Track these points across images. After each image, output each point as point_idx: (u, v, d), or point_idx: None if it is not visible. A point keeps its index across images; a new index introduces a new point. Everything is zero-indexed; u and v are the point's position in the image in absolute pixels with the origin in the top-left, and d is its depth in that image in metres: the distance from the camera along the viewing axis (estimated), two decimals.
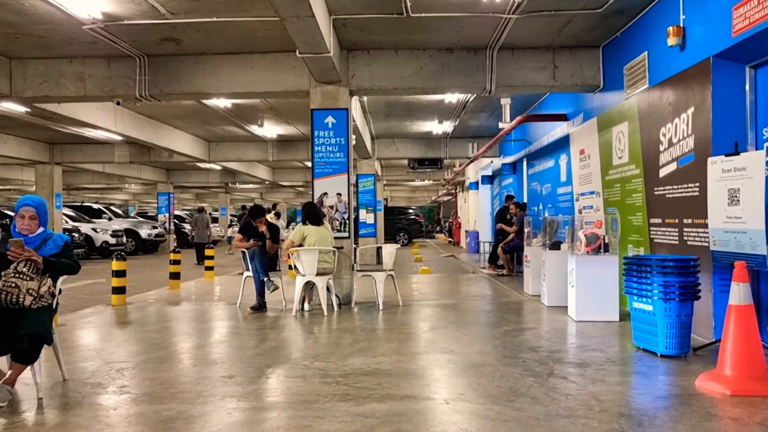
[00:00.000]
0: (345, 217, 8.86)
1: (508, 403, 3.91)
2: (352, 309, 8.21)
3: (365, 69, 8.84)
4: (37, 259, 4.13)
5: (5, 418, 3.73)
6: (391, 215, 29.02)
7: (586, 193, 9.39)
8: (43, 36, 8.05)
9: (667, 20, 6.56)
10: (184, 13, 7.29)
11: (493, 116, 14.29)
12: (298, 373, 4.73)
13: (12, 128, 15.56)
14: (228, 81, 9.03)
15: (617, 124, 8.00)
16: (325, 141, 8.72)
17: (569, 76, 8.83)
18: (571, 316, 7.07)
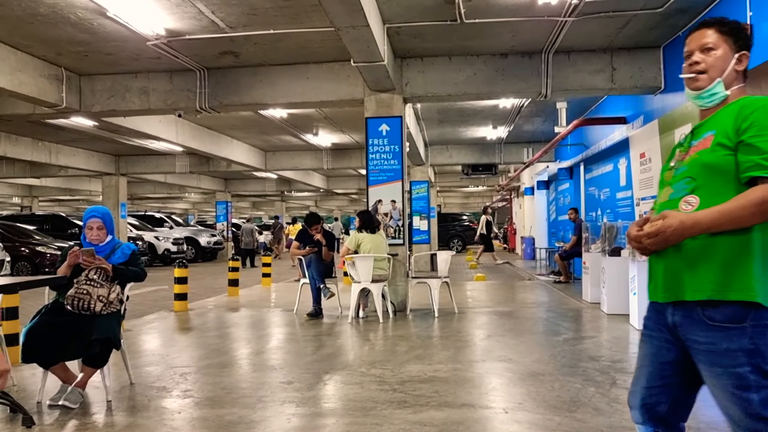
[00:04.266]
0: (399, 224, 8.88)
1: (569, 414, 3.82)
2: (408, 316, 8.21)
3: (419, 76, 8.86)
4: (107, 267, 4.30)
5: (77, 420, 3.89)
6: (445, 222, 28.88)
7: (648, 197, 9.11)
8: (110, 53, 8.41)
9: (732, 17, 6.28)
10: (242, 27, 7.49)
11: (548, 120, 14.07)
12: (355, 380, 4.76)
13: (81, 141, 16.30)
14: (284, 91, 9.21)
15: (680, 126, 7.74)
16: (379, 149, 8.77)
17: (628, 78, 8.61)
18: (633, 325, 6.87)
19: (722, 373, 1.88)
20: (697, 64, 2.07)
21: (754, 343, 1.85)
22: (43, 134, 15.20)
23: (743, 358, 1.85)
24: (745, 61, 2.10)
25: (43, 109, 9.53)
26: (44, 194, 29.47)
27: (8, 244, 14.75)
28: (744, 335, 1.86)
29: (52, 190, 28.06)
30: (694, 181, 1.96)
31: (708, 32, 2.09)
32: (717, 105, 2.08)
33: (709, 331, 1.90)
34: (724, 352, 1.87)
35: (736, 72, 2.08)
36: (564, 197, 16.78)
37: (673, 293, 1.99)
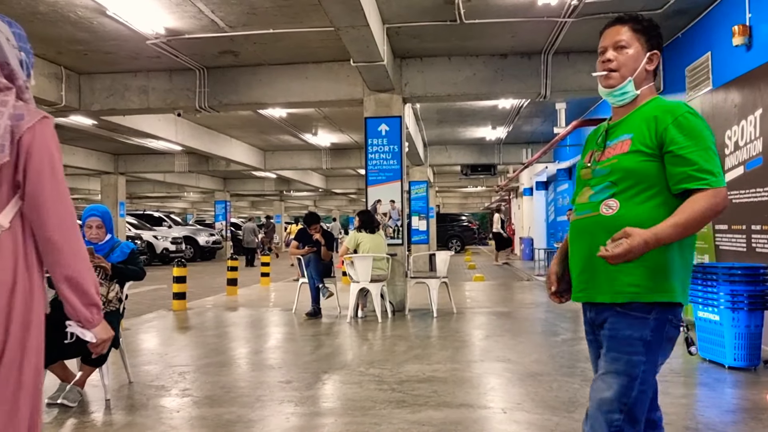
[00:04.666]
0: (398, 224, 8.89)
1: (568, 414, 3.83)
2: (406, 316, 8.22)
3: (418, 76, 8.87)
4: (106, 265, 4.30)
5: (76, 418, 3.89)
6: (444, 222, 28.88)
7: None
8: (110, 52, 8.41)
9: (731, 19, 6.33)
10: (242, 26, 7.49)
11: (547, 121, 14.08)
12: (354, 380, 4.77)
13: (80, 140, 16.29)
14: (283, 91, 9.21)
15: None
16: (378, 149, 8.77)
17: None
18: None
19: (617, 358, 1.94)
20: (610, 62, 2.08)
21: (653, 337, 1.93)
22: None
23: (640, 347, 1.92)
24: (655, 61, 2.11)
25: (43, 108, 9.51)
26: None
27: None
28: (646, 326, 1.93)
29: None
30: (615, 186, 1.99)
31: (622, 30, 2.09)
32: (629, 104, 2.10)
33: (615, 317, 1.97)
34: (624, 339, 1.94)
35: (646, 71, 2.09)
36: (563, 198, 16.79)
37: (589, 294, 2.05)
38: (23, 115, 1.72)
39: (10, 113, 1.70)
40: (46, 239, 1.75)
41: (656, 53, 2.11)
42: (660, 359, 1.98)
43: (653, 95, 2.12)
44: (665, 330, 1.96)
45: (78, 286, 1.83)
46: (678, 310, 2.00)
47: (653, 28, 2.12)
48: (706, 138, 1.95)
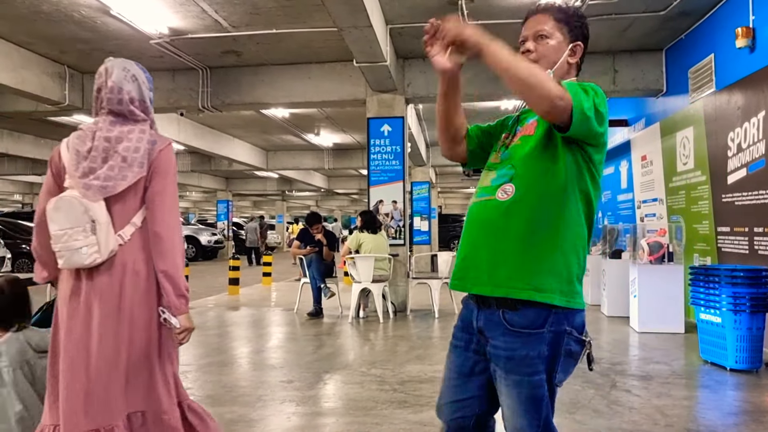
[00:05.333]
0: (400, 224, 8.89)
1: (569, 415, 3.83)
2: (408, 316, 8.22)
3: (421, 77, 8.87)
4: None
5: None
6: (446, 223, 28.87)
7: (649, 200, 9.12)
8: (113, 51, 8.40)
9: (735, 21, 6.33)
10: (245, 26, 7.50)
11: None
12: (356, 380, 4.77)
13: None
14: (286, 91, 9.22)
15: (681, 129, 7.75)
16: (380, 149, 8.78)
17: (630, 80, 8.61)
18: (633, 327, 6.87)
19: (520, 381, 1.78)
20: (530, 53, 1.94)
21: (551, 350, 1.78)
22: (45, 132, 15.21)
23: (541, 365, 1.77)
24: (578, 53, 1.98)
25: (46, 107, 9.54)
26: None
27: (9, 241, 14.77)
28: (542, 341, 1.77)
29: None
30: (514, 169, 1.86)
31: (544, 19, 1.95)
32: None
33: (508, 336, 1.79)
34: (523, 359, 1.77)
35: (568, 64, 1.97)
36: None
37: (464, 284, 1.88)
38: (156, 141, 2.31)
39: (148, 139, 2.29)
40: (154, 233, 2.23)
41: (579, 45, 1.96)
42: (560, 376, 1.82)
43: None
44: (563, 343, 1.79)
45: (172, 278, 2.23)
46: (577, 323, 1.82)
47: (577, 18, 1.98)
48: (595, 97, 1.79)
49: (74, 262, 2.16)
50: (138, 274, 2.22)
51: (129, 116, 2.31)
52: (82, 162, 2.21)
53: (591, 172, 1.87)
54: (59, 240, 2.17)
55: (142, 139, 2.26)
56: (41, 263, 2.40)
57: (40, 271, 2.42)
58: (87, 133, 2.28)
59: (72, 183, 2.21)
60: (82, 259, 2.15)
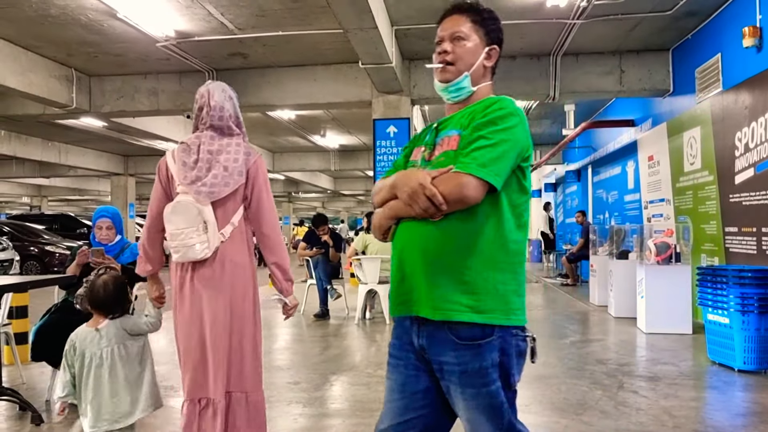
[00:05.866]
0: None
1: (576, 416, 3.82)
2: None
3: (427, 78, 8.87)
4: (116, 266, 4.32)
5: None
6: None
7: (656, 200, 9.08)
8: (120, 54, 8.47)
9: (742, 21, 6.30)
10: (251, 28, 7.52)
11: (556, 123, 14.05)
12: (362, 381, 4.77)
13: (90, 142, 16.41)
14: (292, 93, 9.24)
15: (688, 129, 7.72)
16: (386, 150, 8.78)
17: (637, 80, 8.59)
18: (641, 328, 6.85)
19: (477, 393, 1.73)
20: (446, 54, 1.89)
21: (502, 355, 1.74)
22: (52, 134, 15.30)
23: (495, 373, 1.73)
24: (494, 57, 1.94)
25: (53, 110, 9.61)
26: (53, 194, 29.65)
27: (18, 244, 14.84)
28: (493, 349, 1.72)
29: (61, 190, 28.23)
30: None
31: (461, 20, 1.90)
32: (465, 100, 1.92)
33: (458, 351, 1.72)
34: (477, 372, 1.72)
35: (484, 67, 1.93)
36: (572, 200, 16.73)
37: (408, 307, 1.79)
38: (250, 152, 2.73)
39: (244, 151, 2.69)
40: (263, 234, 2.73)
41: (495, 48, 1.93)
42: (516, 378, 1.79)
43: (490, 94, 1.95)
44: (513, 345, 1.76)
45: (281, 267, 2.80)
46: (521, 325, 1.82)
47: (492, 21, 1.94)
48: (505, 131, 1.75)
49: (189, 256, 2.59)
50: (237, 266, 2.66)
51: (227, 131, 2.74)
52: (189, 171, 2.61)
53: (519, 180, 1.80)
54: (176, 238, 2.59)
55: (239, 151, 2.68)
56: (147, 259, 2.83)
57: (144, 264, 2.85)
58: (191, 146, 2.67)
59: (184, 189, 2.60)
60: (196, 254, 2.57)
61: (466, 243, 1.73)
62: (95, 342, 2.80)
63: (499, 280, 1.74)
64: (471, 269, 1.72)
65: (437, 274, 1.73)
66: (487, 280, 1.72)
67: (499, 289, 1.73)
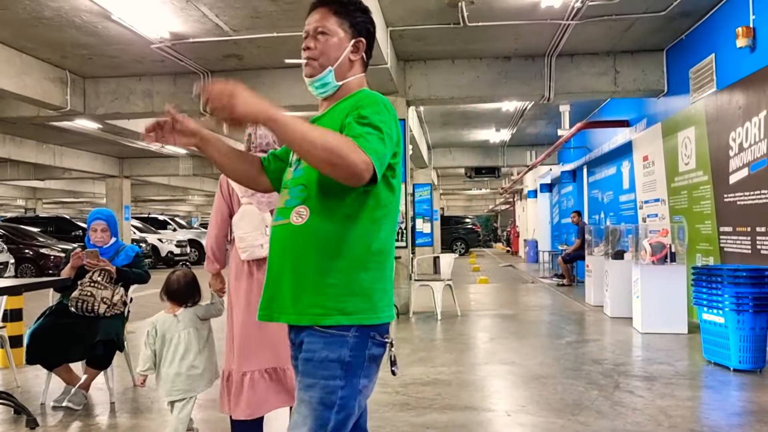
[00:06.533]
0: (402, 226, 8.89)
1: (572, 417, 3.82)
2: (410, 319, 8.21)
3: (422, 79, 8.88)
4: (110, 269, 4.32)
5: (81, 421, 3.91)
6: (448, 225, 28.86)
7: (651, 200, 9.11)
8: (114, 56, 8.44)
9: (735, 21, 6.32)
10: (246, 30, 7.51)
11: (551, 123, 14.08)
12: None
13: (85, 144, 16.35)
14: (287, 94, 9.23)
15: (683, 129, 7.75)
16: None
17: (631, 81, 8.61)
18: (636, 328, 6.86)
19: (313, 384, 1.67)
20: (310, 50, 1.84)
21: (353, 356, 1.68)
22: (47, 136, 15.25)
23: (338, 370, 1.66)
24: (362, 49, 1.88)
25: (48, 112, 9.57)
26: (48, 196, 29.56)
27: (12, 246, 14.79)
28: (345, 345, 1.67)
29: (56, 193, 28.14)
30: (307, 189, 1.74)
31: (324, 14, 1.84)
32: (334, 96, 1.87)
33: (313, 337, 1.69)
34: (321, 362, 1.67)
35: (350, 61, 1.86)
36: (567, 200, 16.78)
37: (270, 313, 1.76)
38: None
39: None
40: None
41: (362, 41, 1.86)
42: (362, 381, 1.71)
43: (362, 87, 1.89)
44: (367, 348, 1.70)
45: None
46: (383, 326, 1.75)
47: (359, 13, 1.87)
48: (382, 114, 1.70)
49: (255, 255, 3.08)
50: None
51: None
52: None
53: (387, 178, 1.75)
54: (244, 240, 3.09)
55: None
56: (215, 259, 3.43)
57: (212, 264, 3.45)
58: None
59: (248, 200, 3.15)
60: (261, 252, 3.04)
61: (332, 243, 1.69)
62: (173, 325, 3.32)
63: (366, 279, 1.70)
64: (338, 271, 1.68)
65: (302, 278, 1.69)
66: (353, 281, 1.68)
67: (366, 289, 1.70)
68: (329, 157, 1.54)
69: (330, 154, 1.54)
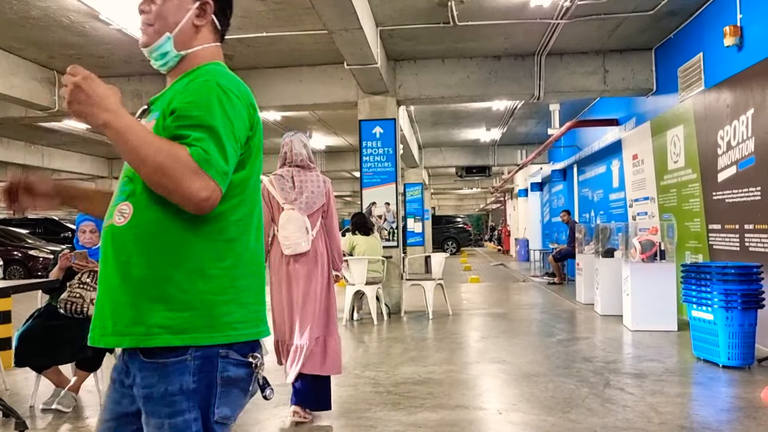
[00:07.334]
0: (393, 226, 8.89)
1: (563, 414, 3.84)
2: (402, 318, 8.22)
3: (412, 79, 8.88)
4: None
5: (70, 424, 3.88)
6: (439, 224, 28.90)
7: (640, 199, 9.16)
8: (102, 56, 8.39)
9: (722, 20, 6.37)
10: (236, 30, 7.48)
11: (541, 122, 14.12)
12: (350, 382, 4.76)
13: (74, 144, 16.24)
14: (278, 94, 9.21)
15: (672, 127, 7.79)
16: (373, 151, 8.78)
17: (620, 80, 8.65)
18: (627, 326, 6.90)
19: (160, 425, 1.40)
20: (144, 13, 1.56)
21: (199, 381, 1.41)
22: (35, 137, 15.13)
23: (185, 402, 1.40)
24: (209, 12, 1.59)
25: (36, 112, 9.50)
26: None
27: (0, 248, 14.66)
28: (185, 371, 1.40)
29: None
30: (132, 183, 1.48)
31: None
32: (179, 67, 1.60)
33: (146, 371, 1.41)
34: (162, 397, 1.40)
35: (195, 27, 1.57)
36: (558, 199, 16.84)
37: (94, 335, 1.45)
38: (325, 180, 3.98)
39: (322, 180, 3.95)
40: (330, 229, 3.99)
41: (208, 3, 1.58)
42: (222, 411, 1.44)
43: (217, 58, 1.60)
44: (218, 371, 1.43)
45: (338, 251, 4.07)
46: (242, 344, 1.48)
47: None
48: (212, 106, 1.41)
49: (298, 250, 3.76)
50: (321, 254, 3.88)
51: (306, 167, 3.93)
52: (289, 194, 3.82)
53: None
54: (290, 239, 3.75)
55: (319, 180, 3.93)
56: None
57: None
58: (285, 177, 3.88)
59: (290, 206, 3.79)
60: (302, 248, 3.76)
61: (158, 247, 1.41)
62: None
63: (205, 289, 1.42)
64: (169, 281, 1.40)
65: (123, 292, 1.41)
66: (188, 293, 1.41)
67: (205, 302, 1.42)
68: (161, 181, 1.31)
69: (162, 177, 1.30)
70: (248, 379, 1.50)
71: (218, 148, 1.36)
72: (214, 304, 1.43)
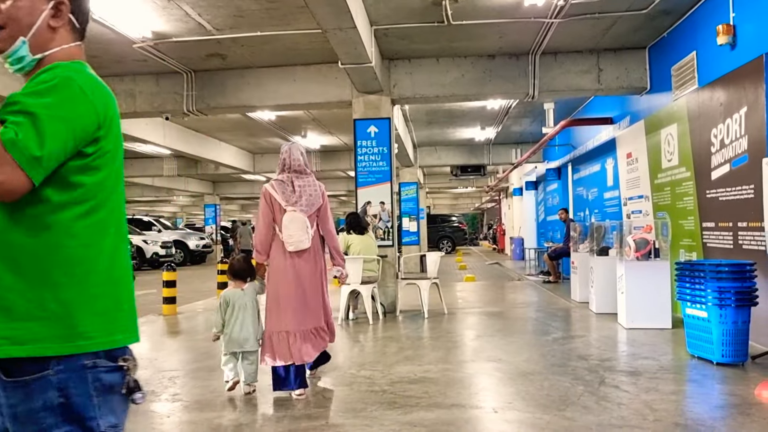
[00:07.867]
0: (388, 225, 8.89)
1: (559, 412, 3.84)
2: (397, 317, 8.22)
3: (407, 78, 8.88)
4: None
5: None
6: (434, 223, 28.91)
7: (635, 197, 9.18)
8: (95, 55, 8.36)
9: (716, 19, 6.39)
10: (230, 29, 7.47)
11: (536, 121, 14.15)
12: (345, 382, 4.76)
13: None
14: (272, 93, 9.19)
15: (666, 126, 7.81)
16: (367, 150, 8.77)
17: (614, 78, 8.67)
18: (621, 324, 6.92)
19: None
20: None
21: (67, 395, 1.36)
22: None
23: (50, 418, 1.34)
24: (65, 12, 1.51)
25: None
26: None
27: None
28: (48, 387, 1.34)
29: None
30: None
31: None
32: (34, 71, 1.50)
33: (9, 390, 1.35)
34: (28, 417, 1.34)
35: (51, 28, 1.49)
36: (552, 197, 16.87)
37: None
38: (320, 185, 4.48)
39: (317, 185, 4.46)
40: (327, 230, 4.51)
41: (64, 3, 1.50)
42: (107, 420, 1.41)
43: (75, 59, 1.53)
44: (89, 381, 1.38)
45: (337, 250, 4.63)
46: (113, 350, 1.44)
47: None
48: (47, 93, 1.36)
49: (300, 247, 4.24)
50: (318, 251, 4.42)
51: (303, 172, 4.42)
52: (290, 197, 4.30)
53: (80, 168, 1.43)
54: (293, 237, 4.22)
55: (316, 185, 4.44)
56: (263, 252, 4.39)
57: (261, 256, 4.40)
58: (286, 182, 4.35)
59: (292, 208, 4.27)
60: (304, 245, 4.26)
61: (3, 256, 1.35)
62: (240, 297, 4.45)
63: (54, 298, 1.36)
64: (10, 290, 1.34)
65: None
66: (32, 301, 1.34)
67: (55, 310, 1.35)
68: None
69: None
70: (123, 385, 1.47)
71: (35, 134, 1.29)
72: (68, 313, 1.37)
